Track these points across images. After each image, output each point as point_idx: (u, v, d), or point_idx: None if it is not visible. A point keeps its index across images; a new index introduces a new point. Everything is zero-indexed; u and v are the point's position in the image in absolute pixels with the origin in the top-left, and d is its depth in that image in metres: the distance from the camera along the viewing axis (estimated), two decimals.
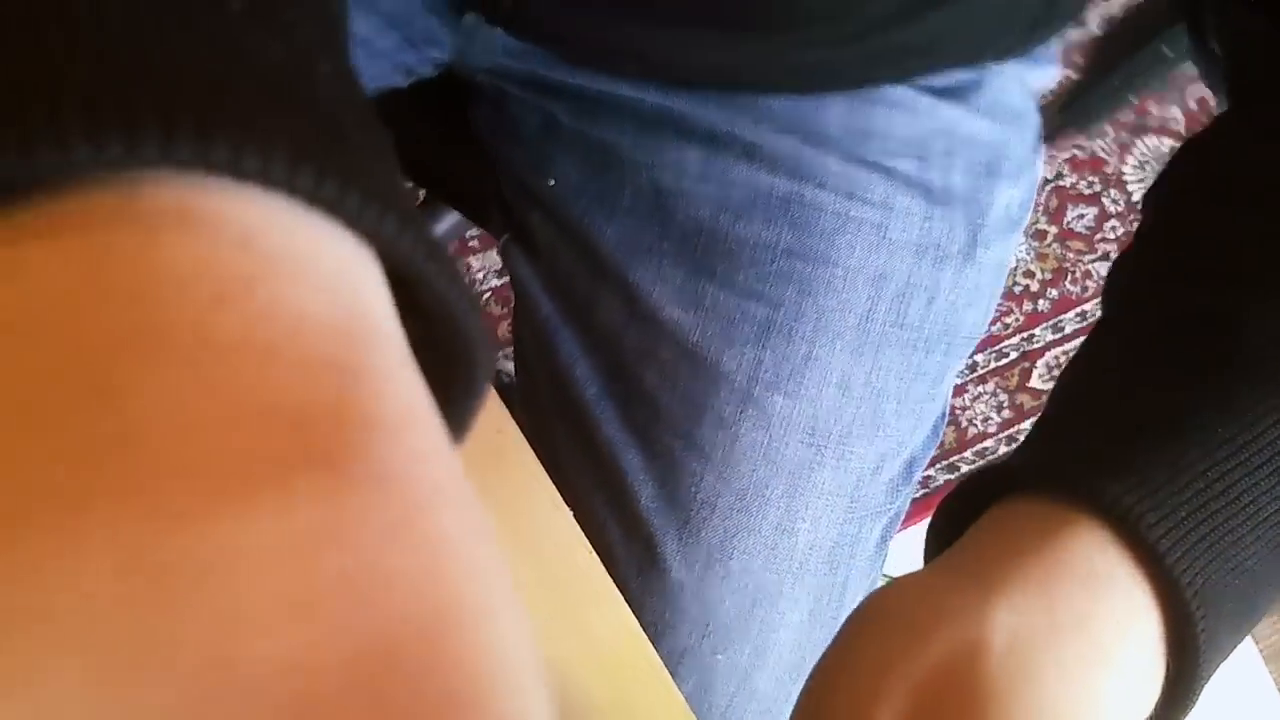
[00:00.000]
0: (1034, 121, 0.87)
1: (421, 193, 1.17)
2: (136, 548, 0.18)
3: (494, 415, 0.64)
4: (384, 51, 0.82)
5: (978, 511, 0.50)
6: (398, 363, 0.23)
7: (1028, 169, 0.86)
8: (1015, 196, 0.85)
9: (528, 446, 0.64)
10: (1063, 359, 1.83)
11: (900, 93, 0.80)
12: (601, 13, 0.74)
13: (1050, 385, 1.80)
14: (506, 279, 1.60)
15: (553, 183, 0.84)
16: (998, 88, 0.83)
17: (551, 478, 0.64)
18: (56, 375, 0.19)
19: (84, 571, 0.17)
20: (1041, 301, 1.82)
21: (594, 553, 0.63)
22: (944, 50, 0.80)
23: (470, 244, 1.62)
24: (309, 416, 0.20)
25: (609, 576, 0.63)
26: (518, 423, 0.65)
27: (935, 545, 0.52)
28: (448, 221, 1.32)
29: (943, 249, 0.82)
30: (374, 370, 0.22)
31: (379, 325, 0.23)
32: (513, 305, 0.92)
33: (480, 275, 1.61)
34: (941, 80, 0.81)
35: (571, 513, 0.64)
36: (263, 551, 0.19)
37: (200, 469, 0.19)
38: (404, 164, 0.43)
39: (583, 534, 0.64)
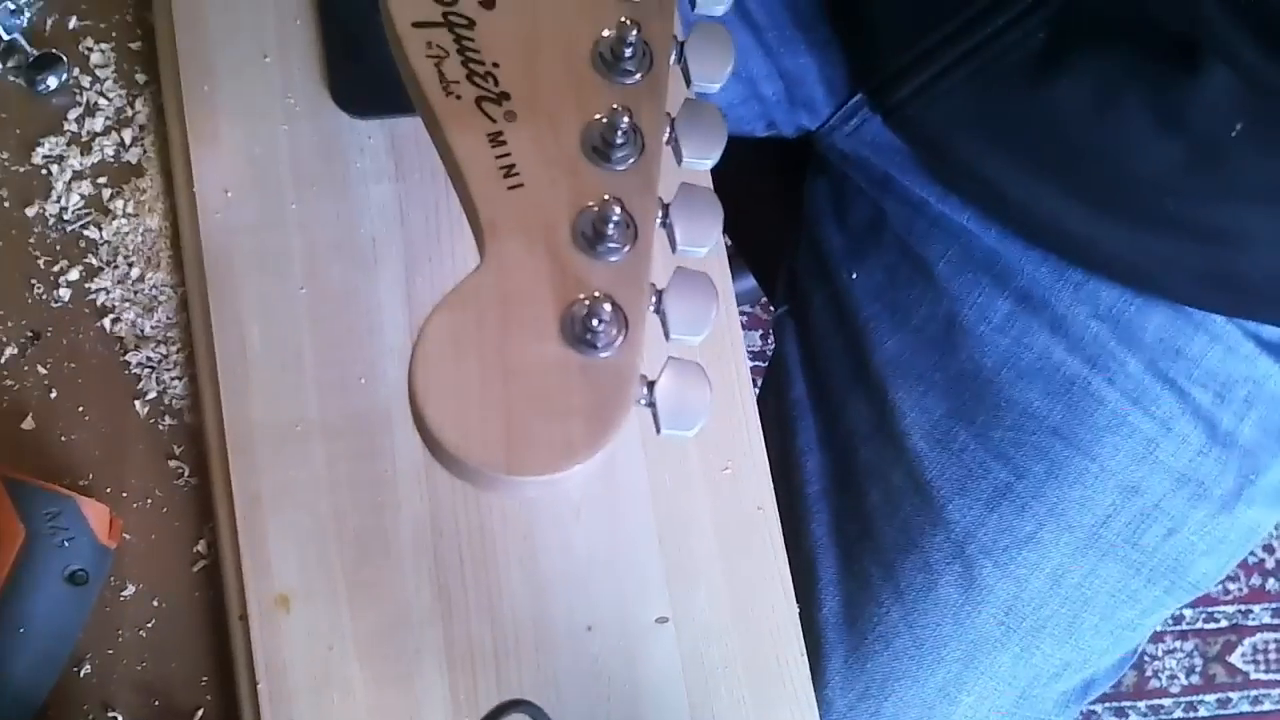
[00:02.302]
0: None
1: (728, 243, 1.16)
2: None
3: (758, 491, 0.63)
4: (763, 98, 0.82)
5: None
6: None
7: None
8: None
9: (779, 531, 0.63)
10: (1273, 646, 1.72)
11: (1226, 328, 0.76)
12: (990, 139, 0.73)
13: (1253, 669, 1.72)
14: (758, 364, 1.60)
15: (855, 276, 0.82)
16: None
17: None
18: None
19: None
20: (1272, 581, 1.71)
21: (805, 654, 0.61)
22: None
23: (739, 319, 1.63)
24: None
25: (811, 683, 0.61)
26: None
27: None
28: (744, 285, 1.31)
29: (1205, 488, 0.77)
30: None
31: None
32: (765, 375, 0.91)
33: None
34: (1273, 334, 0.77)
35: (799, 609, 0.62)
36: None
37: None
38: (725, 209, 0.44)
39: (801, 632, 0.62)
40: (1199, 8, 0.60)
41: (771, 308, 0.94)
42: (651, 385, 0.41)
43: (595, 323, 0.40)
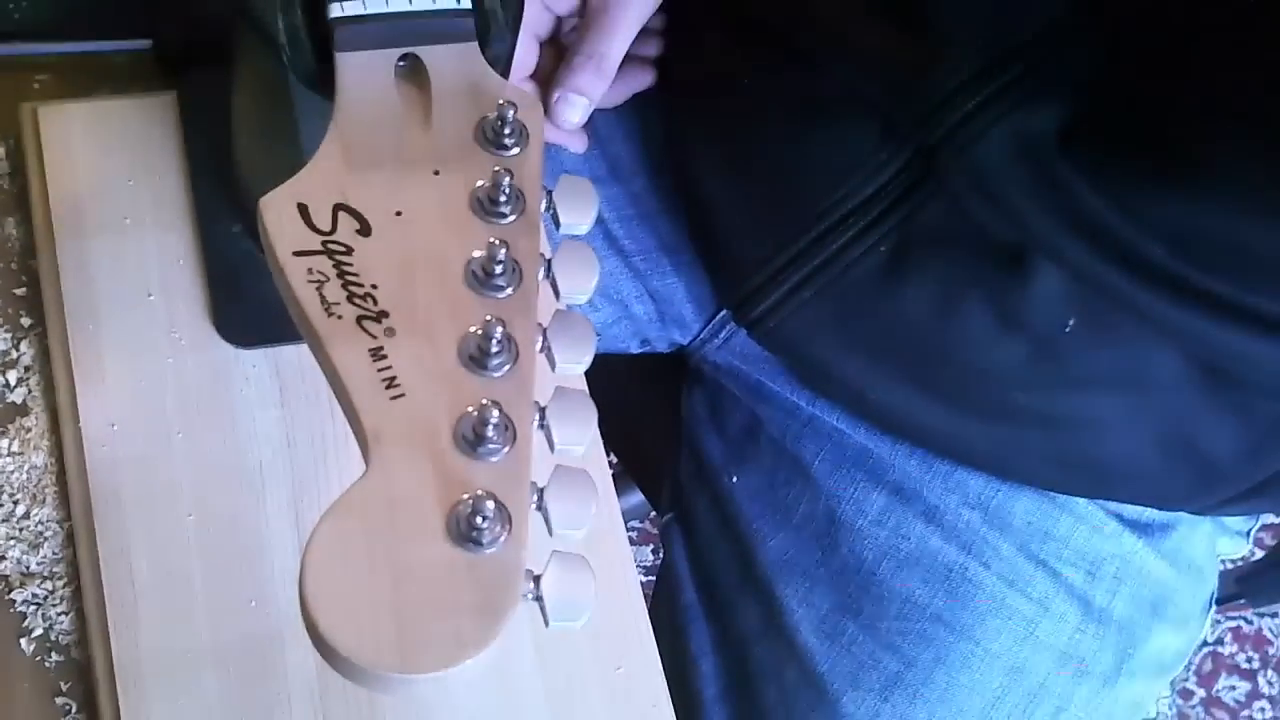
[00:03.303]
0: (1211, 582, 0.84)
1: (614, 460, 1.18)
2: None
3: (652, 689, 0.63)
4: (635, 317, 0.85)
5: None
6: None
7: (1192, 623, 0.83)
8: (1171, 644, 0.82)
9: None
10: None
11: (1089, 509, 0.79)
12: (847, 346, 0.75)
13: None
14: (651, 578, 1.60)
15: (735, 480, 0.84)
16: (1184, 537, 0.81)
17: None
18: None
19: None
20: None
21: None
22: (1140, 488, 0.78)
23: (629, 534, 1.63)
24: None
25: None
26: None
27: None
28: (632, 500, 1.32)
29: (1086, 665, 0.79)
30: None
31: None
32: (655, 584, 0.92)
33: None
34: (1133, 512, 0.80)
35: None
36: None
37: None
38: (604, 424, 0.46)
39: None
40: (1024, 216, 0.64)
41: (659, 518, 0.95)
42: (538, 579, 0.42)
43: (480, 520, 0.41)
